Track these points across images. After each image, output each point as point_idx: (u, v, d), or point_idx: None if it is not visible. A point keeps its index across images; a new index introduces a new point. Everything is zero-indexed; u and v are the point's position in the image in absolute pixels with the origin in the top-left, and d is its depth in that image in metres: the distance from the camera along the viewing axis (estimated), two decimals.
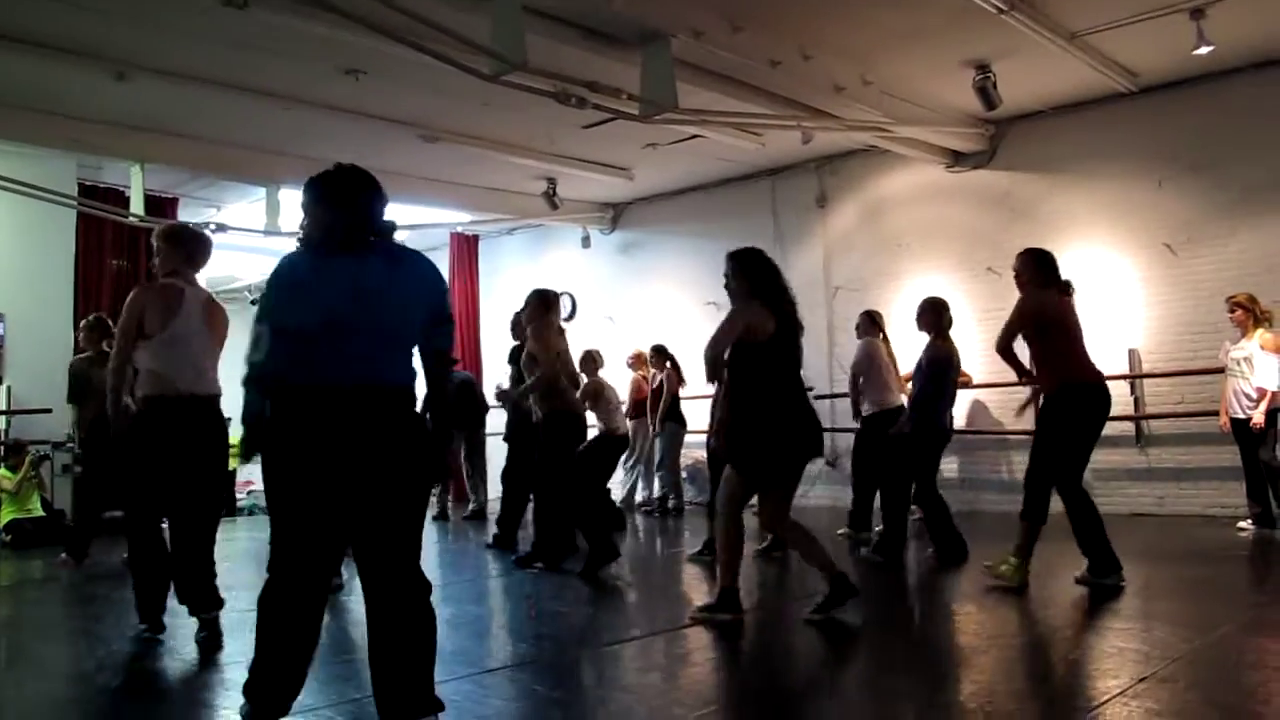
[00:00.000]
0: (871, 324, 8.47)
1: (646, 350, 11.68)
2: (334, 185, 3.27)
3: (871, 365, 8.15)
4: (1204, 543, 7.70)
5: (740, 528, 5.20)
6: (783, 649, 4.95)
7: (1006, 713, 3.59)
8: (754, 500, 5.21)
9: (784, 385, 5.08)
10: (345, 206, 3.23)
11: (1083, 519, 5.75)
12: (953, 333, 7.37)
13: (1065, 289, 6.01)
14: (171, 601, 4.91)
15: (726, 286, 5.29)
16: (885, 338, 8.45)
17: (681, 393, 11.37)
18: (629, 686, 4.19)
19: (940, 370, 7.15)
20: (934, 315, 7.26)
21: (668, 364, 11.38)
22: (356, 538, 3.14)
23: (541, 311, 7.32)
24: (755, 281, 5.21)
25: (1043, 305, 5.85)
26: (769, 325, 5.04)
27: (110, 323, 7.65)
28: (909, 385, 7.97)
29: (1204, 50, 8.01)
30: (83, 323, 8.33)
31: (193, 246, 5.09)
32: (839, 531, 8.15)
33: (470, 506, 11.38)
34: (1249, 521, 8.02)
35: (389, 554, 3.11)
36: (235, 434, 3.92)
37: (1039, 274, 5.95)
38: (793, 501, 5.27)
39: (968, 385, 9.21)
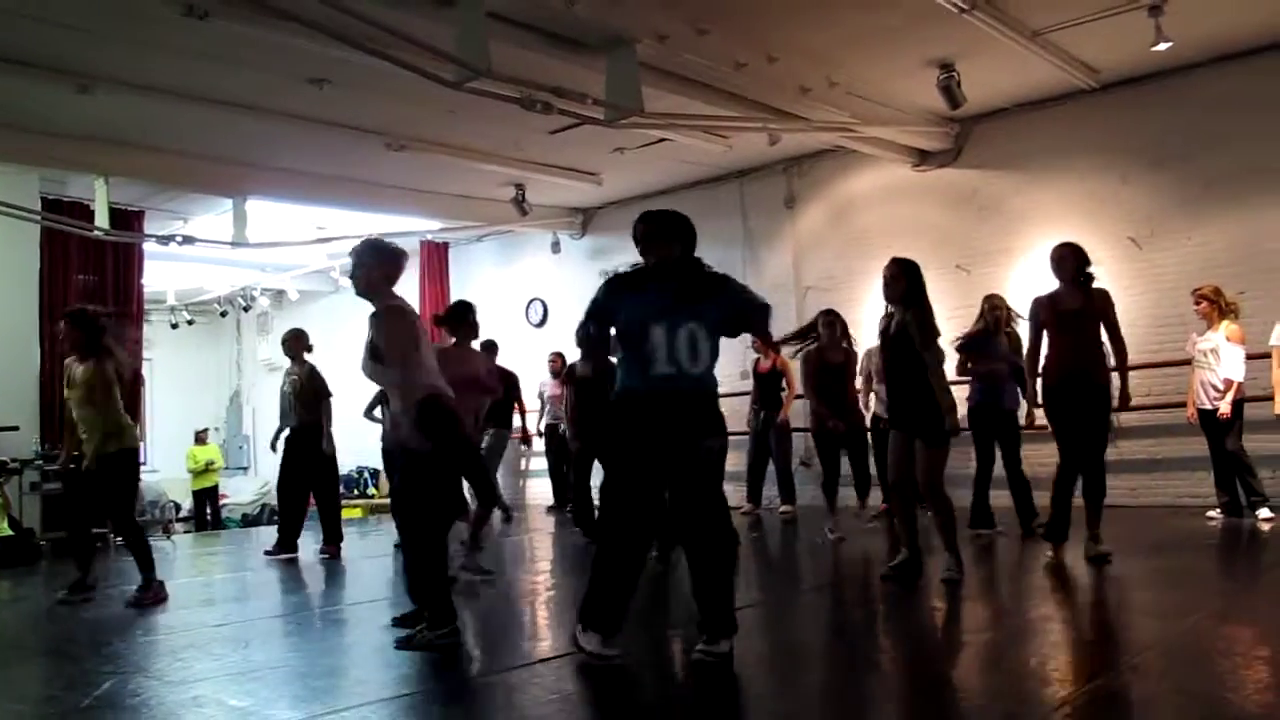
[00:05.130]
0: None
1: None
2: None
3: None
4: (1175, 532, 7.77)
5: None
6: (773, 642, 4.96)
7: (980, 705, 3.61)
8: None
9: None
10: None
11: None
12: None
13: None
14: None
15: (893, 288, 5.93)
16: None
17: None
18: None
19: None
20: None
21: None
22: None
23: None
24: (917, 287, 5.91)
25: None
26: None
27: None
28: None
29: (1163, 46, 8.09)
30: (288, 334, 9.07)
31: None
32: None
33: None
34: (1218, 511, 8.10)
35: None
36: None
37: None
38: None
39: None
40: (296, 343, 8.91)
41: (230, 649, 5.13)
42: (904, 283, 5.91)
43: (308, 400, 8.71)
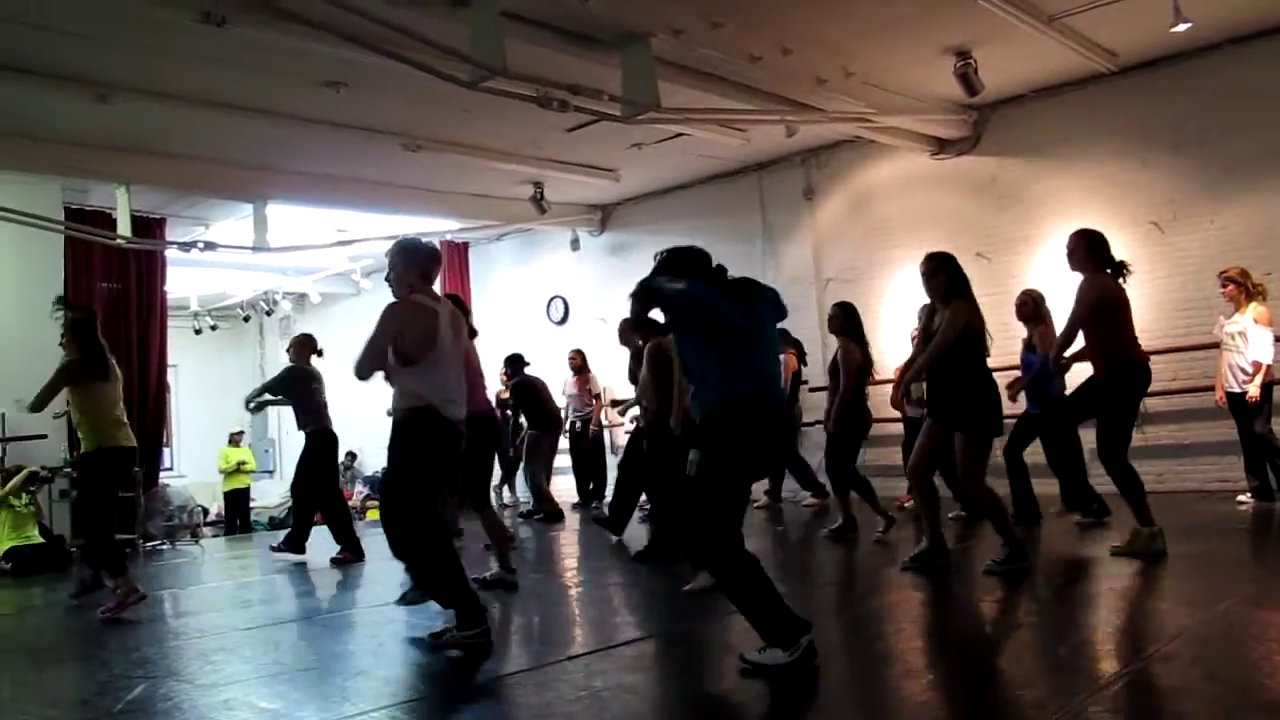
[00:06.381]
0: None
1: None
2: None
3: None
4: (1204, 518, 7.69)
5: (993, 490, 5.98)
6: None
7: (1010, 695, 3.59)
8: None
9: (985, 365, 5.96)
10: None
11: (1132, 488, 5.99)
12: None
13: (1120, 271, 6.11)
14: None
15: (932, 283, 5.98)
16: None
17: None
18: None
19: None
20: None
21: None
22: None
23: None
24: (958, 280, 5.90)
25: (1105, 290, 5.99)
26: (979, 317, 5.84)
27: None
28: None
29: (1182, 28, 8.00)
30: (295, 339, 9.35)
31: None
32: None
33: None
34: (1248, 495, 8.02)
35: None
36: None
37: (1091, 256, 6.09)
38: None
39: None
40: (302, 348, 9.04)
41: (260, 651, 5.17)
42: (944, 276, 5.91)
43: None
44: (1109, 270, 6.08)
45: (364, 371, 4.92)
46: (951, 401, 5.85)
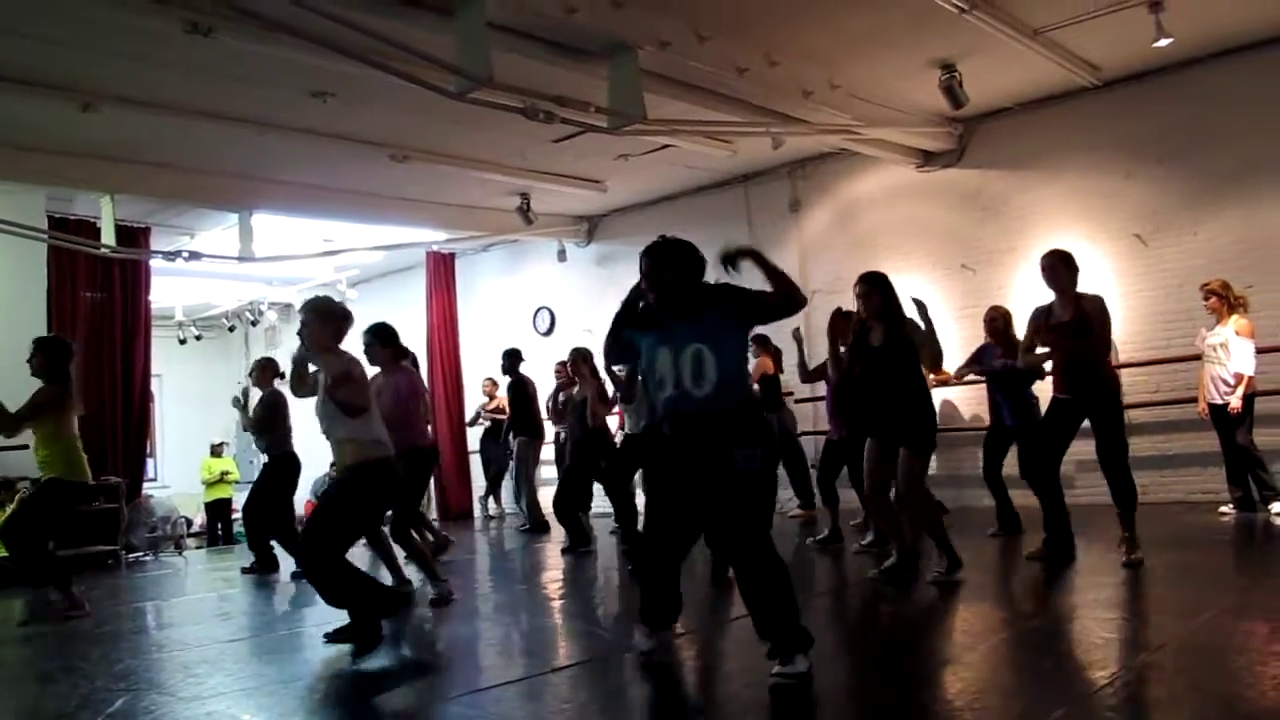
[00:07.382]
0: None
1: None
2: None
3: None
4: (1187, 529, 7.74)
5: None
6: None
7: (995, 707, 3.59)
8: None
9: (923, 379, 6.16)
10: None
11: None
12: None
13: None
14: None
15: (867, 303, 6.09)
16: None
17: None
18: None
19: None
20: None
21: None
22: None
23: None
24: (891, 297, 6.05)
25: None
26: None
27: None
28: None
29: (1164, 42, 8.07)
30: (257, 361, 9.23)
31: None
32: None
33: None
34: (1230, 506, 8.07)
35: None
36: None
37: (1073, 274, 6.36)
38: None
39: (948, 383, 9.22)
40: (265, 373, 8.97)
41: (243, 664, 5.15)
42: (879, 297, 6.03)
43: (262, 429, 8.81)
44: None
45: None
46: (897, 417, 5.97)
